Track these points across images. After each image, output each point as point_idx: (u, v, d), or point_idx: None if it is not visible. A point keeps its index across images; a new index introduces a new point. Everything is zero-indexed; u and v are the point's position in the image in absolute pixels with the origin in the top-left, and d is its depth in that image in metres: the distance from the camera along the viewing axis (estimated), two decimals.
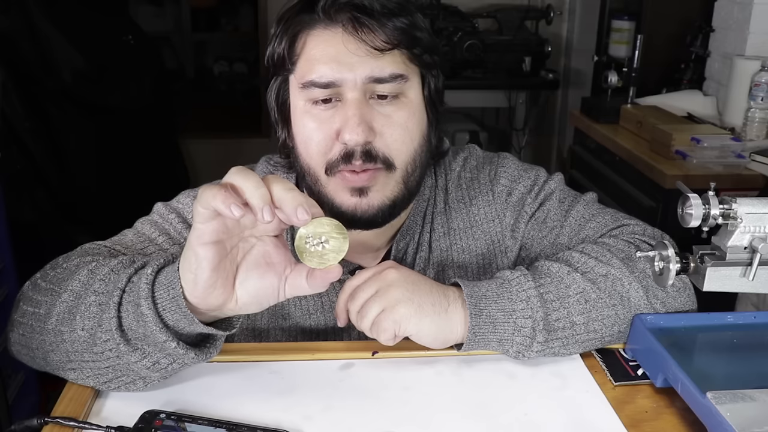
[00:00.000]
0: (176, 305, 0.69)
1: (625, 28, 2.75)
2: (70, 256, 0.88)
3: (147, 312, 0.70)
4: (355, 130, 0.84)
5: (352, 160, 0.86)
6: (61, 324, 0.76)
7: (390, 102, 0.88)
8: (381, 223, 0.91)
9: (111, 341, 0.73)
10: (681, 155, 2.01)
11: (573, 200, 1.02)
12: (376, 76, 0.86)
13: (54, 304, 0.78)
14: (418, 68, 0.91)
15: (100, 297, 0.74)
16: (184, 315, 0.70)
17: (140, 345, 0.73)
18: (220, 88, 4.63)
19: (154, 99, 3.07)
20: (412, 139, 0.90)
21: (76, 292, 0.77)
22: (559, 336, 0.83)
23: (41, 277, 0.84)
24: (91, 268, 0.79)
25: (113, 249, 0.91)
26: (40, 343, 0.78)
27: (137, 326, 0.71)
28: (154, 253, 0.92)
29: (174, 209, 0.98)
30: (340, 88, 0.86)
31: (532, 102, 3.49)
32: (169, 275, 0.70)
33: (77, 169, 2.63)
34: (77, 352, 0.75)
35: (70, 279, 0.79)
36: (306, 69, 0.87)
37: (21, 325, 0.81)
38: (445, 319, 0.83)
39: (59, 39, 2.57)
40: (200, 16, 4.48)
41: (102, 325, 0.73)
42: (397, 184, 0.90)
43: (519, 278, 0.85)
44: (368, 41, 0.85)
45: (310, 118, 0.88)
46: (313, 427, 0.74)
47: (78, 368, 0.76)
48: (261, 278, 0.71)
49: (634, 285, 0.87)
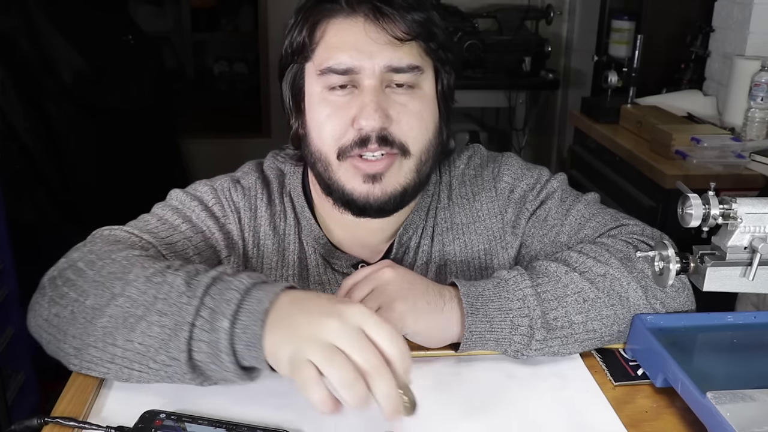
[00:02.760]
0: (258, 362, 0.71)
1: (625, 28, 2.74)
2: (107, 241, 0.86)
3: (228, 364, 0.71)
4: (372, 116, 0.86)
5: (368, 144, 0.87)
6: (115, 329, 0.74)
7: (405, 92, 0.90)
8: (391, 210, 0.93)
9: (176, 367, 0.72)
10: (681, 155, 2.01)
11: (574, 200, 1.03)
12: (394, 66, 0.88)
13: (107, 304, 0.75)
14: (433, 62, 0.93)
15: (163, 319, 0.72)
16: (264, 367, 0.72)
17: (207, 373, 0.73)
18: (220, 88, 4.63)
19: (154, 99, 3.07)
20: (427, 129, 0.92)
21: (134, 299, 0.74)
22: (558, 335, 0.83)
23: (82, 260, 0.82)
24: (148, 275, 0.76)
25: (142, 238, 0.90)
26: (81, 334, 0.76)
27: (211, 364, 0.72)
28: (180, 241, 0.92)
29: (195, 197, 0.98)
30: (357, 75, 0.88)
31: (532, 102, 3.49)
32: (248, 332, 0.70)
33: (77, 169, 2.63)
34: (127, 359, 0.74)
35: (125, 280, 0.76)
36: (325, 56, 0.89)
37: (57, 305, 0.79)
38: (441, 318, 0.83)
39: (59, 39, 2.57)
40: (200, 16, 4.48)
41: (169, 351, 0.72)
42: (410, 172, 0.92)
43: (515, 277, 0.85)
44: (389, 30, 0.87)
45: (326, 104, 0.90)
46: (313, 427, 0.74)
47: (116, 369, 0.75)
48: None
49: (633, 285, 0.87)
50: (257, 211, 1.00)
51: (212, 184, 1.00)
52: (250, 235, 0.99)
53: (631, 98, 2.48)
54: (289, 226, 1.01)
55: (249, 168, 1.05)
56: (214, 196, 0.99)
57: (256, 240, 1.00)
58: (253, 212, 1.00)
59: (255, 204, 1.00)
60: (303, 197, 1.01)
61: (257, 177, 1.02)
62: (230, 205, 0.99)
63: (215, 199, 0.98)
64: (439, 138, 0.96)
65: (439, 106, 0.95)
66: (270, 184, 1.03)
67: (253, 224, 1.00)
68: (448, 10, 3.15)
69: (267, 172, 1.04)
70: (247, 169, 1.05)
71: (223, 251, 0.97)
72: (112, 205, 2.55)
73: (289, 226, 1.01)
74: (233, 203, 0.99)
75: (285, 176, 1.03)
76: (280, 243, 1.00)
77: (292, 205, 1.01)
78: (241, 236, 0.99)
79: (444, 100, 0.96)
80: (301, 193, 1.01)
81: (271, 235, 1.00)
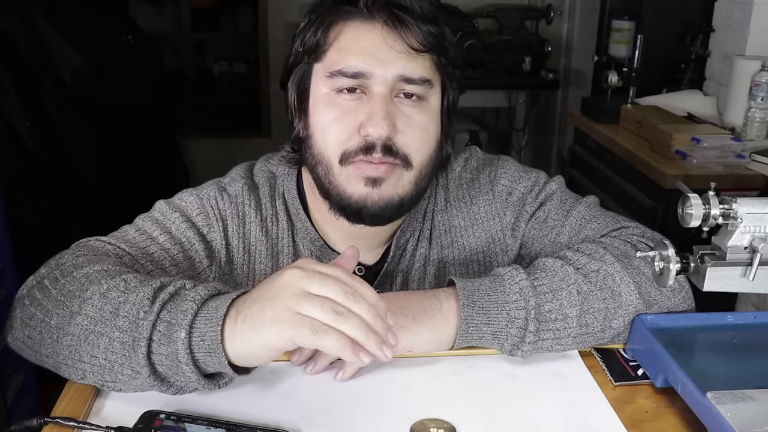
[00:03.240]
0: (221, 366, 0.72)
1: (625, 28, 2.74)
2: (76, 254, 0.86)
3: (190, 374, 0.72)
4: (380, 124, 0.86)
5: (373, 153, 0.87)
6: (79, 346, 0.75)
7: (413, 104, 0.90)
8: (386, 220, 0.93)
9: (142, 379, 0.73)
10: (681, 155, 2.01)
11: (574, 202, 1.03)
12: (407, 76, 0.88)
13: (68, 323, 0.76)
14: (441, 77, 0.93)
15: (124, 335, 0.73)
16: (228, 373, 0.73)
17: (176, 383, 0.74)
18: (220, 88, 4.63)
19: (154, 99, 3.07)
20: (430, 143, 0.92)
21: (92, 317, 0.75)
22: (550, 327, 0.83)
23: (48, 278, 0.83)
24: (103, 291, 0.77)
25: (118, 247, 0.90)
26: (52, 354, 0.78)
27: (175, 375, 0.73)
28: (157, 252, 0.92)
29: (176, 207, 0.97)
30: (368, 81, 0.87)
31: (532, 102, 3.49)
32: (207, 339, 0.71)
33: (77, 169, 2.63)
34: (97, 373, 0.75)
35: (82, 298, 0.77)
36: (337, 58, 0.89)
37: (28, 327, 0.80)
38: (441, 318, 0.84)
39: (59, 39, 2.56)
40: (200, 16, 4.48)
41: (132, 366, 0.73)
42: (409, 184, 0.91)
43: (511, 272, 0.86)
44: (406, 39, 0.87)
45: (332, 107, 0.89)
46: (313, 427, 0.74)
47: (92, 380, 0.76)
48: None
49: (626, 280, 0.87)
50: (246, 217, 1.00)
51: (198, 193, 0.99)
52: (239, 242, 0.99)
53: (631, 98, 2.48)
54: (282, 229, 1.01)
55: (236, 173, 1.04)
56: (199, 206, 0.98)
57: (247, 246, 0.99)
58: (241, 219, 0.99)
59: (243, 210, 1.00)
60: (298, 199, 1.00)
61: (244, 183, 1.01)
62: (215, 214, 0.98)
63: (200, 209, 0.98)
64: (440, 153, 0.96)
65: (443, 122, 0.95)
66: (258, 189, 1.02)
67: (242, 231, 0.99)
68: (448, 10, 3.15)
69: (256, 176, 1.03)
70: (234, 174, 1.04)
71: (204, 261, 0.96)
72: (112, 205, 2.55)
73: (282, 229, 1.01)
74: (219, 211, 0.98)
75: (277, 179, 1.02)
76: (273, 247, 1.00)
77: (285, 208, 1.01)
78: (226, 245, 0.98)
79: (448, 116, 0.96)
80: (296, 195, 1.00)
81: (263, 240, 1.00)
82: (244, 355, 0.71)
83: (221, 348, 0.70)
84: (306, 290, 0.69)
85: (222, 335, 0.70)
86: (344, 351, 0.68)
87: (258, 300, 0.71)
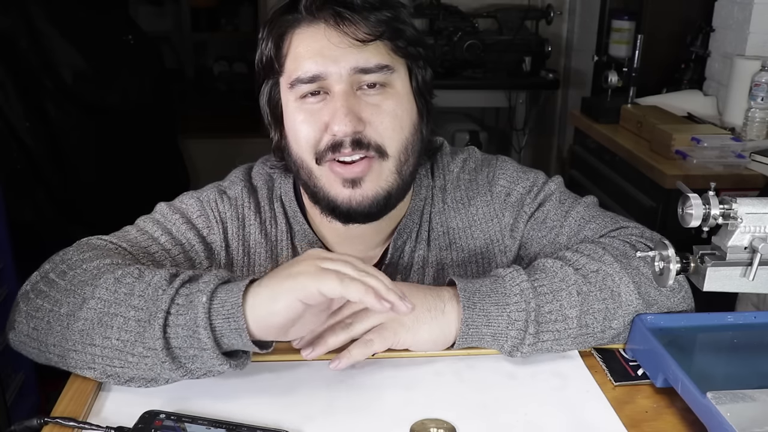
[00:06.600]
0: (238, 335, 0.73)
1: (625, 28, 2.74)
2: (81, 250, 0.87)
3: (206, 340, 0.72)
4: (342, 121, 0.86)
5: (341, 149, 0.88)
6: (92, 329, 0.76)
7: (377, 92, 0.90)
8: (377, 215, 0.93)
9: (153, 357, 0.74)
10: (681, 155, 2.01)
11: (573, 202, 1.03)
12: (361, 67, 0.88)
13: (80, 308, 0.77)
14: (404, 60, 0.92)
15: (140, 313, 0.75)
16: (244, 344, 0.74)
17: (186, 363, 0.74)
18: (220, 88, 4.62)
19: (154, 99, 3.07)
20: (402, 128, 0.91)
21: (106, 300, 0.77)
22: (550, 329, 0.83)
23: (54, 272, 0.84)
24: (117, 277, 0.79)
25: (120, 246, 0.91)
26: (60, 341, 0.78)
27: (189, 348, 0.73)
28: (158, 252, 0.93)
29: (177, 209, 0.98)
30: (326, 81, 0.88)
31: (532, 102, 3.49)
32: (227, 305, 0.73)
33: (77, 168, 2.63)
34: (107, 357, 0.76)
35: (94, 284, 0.79)
36: (293, 67, 0.90)
37: (34, 319, 0.81)
38: (442, 320, 0.84)
39: (59, 39, 2.56)
40: (200, 16, 4.47)
41: (144, 342, 0.74)
42: (391, 174, 0.91)
43: (512, 273, 0.86)
44: (350, 33, 0.87)
45: (299, 112, 0.90)
46: (313, 427, 0.74)
47: (100, 369, 0.77)
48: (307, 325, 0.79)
49: (626, 281, 0.87)
50: (245, 220, 1.00)
51: (198, 196, 1.01)
52: (239, 244, 1.00)
53: (631, 98, 2.48)
54: (280, 232, 1.01)
55: (236, 176, 1.05)
56: (200, 208, 0.99)
57: (247, 249, 1.00)
58: (241, 222, 1.00)
59: (243, 213, 1.00)
60: (295, 202, 1.01)
61: (243, 186, 1.02)
62: (216, 216, 0.99)
63: (200, 211, 0.99)
64: (418, 135, 0.95)
65: (417, 103, 0.95)
66: (257, 192, 1.03)
67: (242, 233, 1.00)
68: (448, 10, 3.15)
69: (255, 178, 1.04)
70: (234, 177, 1.05)
71: (204, 263, 0.97)
72: (113, 205, 2.55)
73: (280, 232, 1.01)
74: (219, 214, 0.99)
75: (275, 181, 1.03)
76: (272, 249, 1.01)
77: (283, 210, 1.01)
78: (226, 247, 0.99)
79: (421, 96, 0.95)
80: (293, 198, 1.01)
81: (263, 243, 1.00)
82: (263, 316, 0.73)
83: (241, 312, 0.72)
84: (323, 266, 0.73)
85: (243, 300, 0.72)
86: (368, 296, 0.71)
87: (280, 271, 0.76)
